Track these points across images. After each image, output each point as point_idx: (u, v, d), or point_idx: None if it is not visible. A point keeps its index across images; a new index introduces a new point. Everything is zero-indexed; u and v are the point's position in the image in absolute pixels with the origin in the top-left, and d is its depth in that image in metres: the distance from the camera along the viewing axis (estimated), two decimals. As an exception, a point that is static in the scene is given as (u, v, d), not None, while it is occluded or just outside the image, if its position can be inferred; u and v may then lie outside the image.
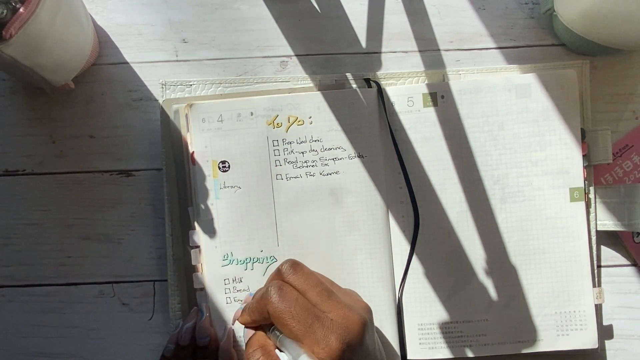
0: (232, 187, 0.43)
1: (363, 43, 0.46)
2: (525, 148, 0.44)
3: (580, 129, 0.43)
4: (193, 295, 0.44)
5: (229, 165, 0.43)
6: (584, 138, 0.44)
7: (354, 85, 0.45)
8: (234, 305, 0.43)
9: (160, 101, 0.45)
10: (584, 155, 0.43)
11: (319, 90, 0.44)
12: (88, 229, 0.45)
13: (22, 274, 0.45)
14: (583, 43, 0.43)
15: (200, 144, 0.43)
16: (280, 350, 0.34)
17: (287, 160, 0.43)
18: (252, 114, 0.43)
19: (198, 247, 0.43)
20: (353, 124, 0.43)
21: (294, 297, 0.34)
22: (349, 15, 0.46)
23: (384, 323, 0.43)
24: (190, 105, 0.43)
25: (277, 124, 0.43)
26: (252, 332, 0.37)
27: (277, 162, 0.43)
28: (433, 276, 0.43)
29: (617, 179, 0.45)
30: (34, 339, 0.44)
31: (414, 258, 0.43)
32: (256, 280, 0.43)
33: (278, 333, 0.35)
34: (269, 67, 0.46)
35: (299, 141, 0.43)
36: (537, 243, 0.43)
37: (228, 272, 0.43)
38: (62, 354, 0.45)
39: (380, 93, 0.44)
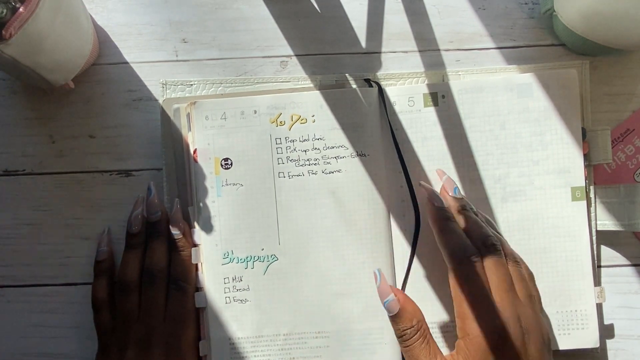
0: (234, 184, 0.43)
1: (363, 43, 0.46)
2: (526, 147, 0.44)
3: (581, 128, 0.44)
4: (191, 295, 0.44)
5: (232, 163, 0.43)
6: (585, 137, 0.44)
7: (354, 86, 0.45)
8: (234, 305, 0.43)
9: (160, 101, 0.45)
10: (584, 155, 0.43)
11: (319, 90, 0.44)
12: (88, 229, 0.45)
13: (22, 274, 0.45)
14: (583, 43, 0.43)
15: (202, 141, 0.43)
16: None
17: (290, 159, 0.43)
18: (255, 112, 0.43)
19: (197, 245, 0.43)
20: (355, 123, 0.43)
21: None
22: (349, 15, 0.46)
23: (387, 324, 0.43)
24: (194, 103, 0.43)
25: (280, 122, 0.43)
26: (404, 297, 0.38)
27: (280, 160, 0.43)
28: (434, 275, 0.43)
29: (619, 163, 0.45)
30: (34, 339, 0.44)
31: (415, 257, 0.43)
32: (256, 279, 0.43)
33: None
34: (269, 67, 0.46)
35: (301, 139, 0.43)
36: (538, 242, 0.43)
37: (228, 270, 0.43)
38: (62, 354, 0.45)
39: (381, 93, 0.44)
